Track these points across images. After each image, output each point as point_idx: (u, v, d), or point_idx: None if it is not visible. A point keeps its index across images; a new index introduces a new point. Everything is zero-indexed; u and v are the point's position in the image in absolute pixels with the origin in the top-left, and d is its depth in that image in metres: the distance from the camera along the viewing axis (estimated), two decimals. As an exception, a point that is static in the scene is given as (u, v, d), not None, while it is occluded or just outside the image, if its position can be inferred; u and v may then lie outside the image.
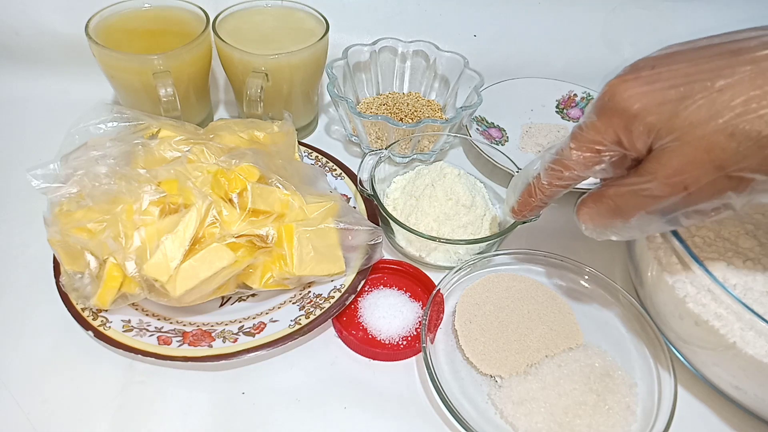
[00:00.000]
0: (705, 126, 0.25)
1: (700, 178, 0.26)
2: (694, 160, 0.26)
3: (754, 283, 0.37)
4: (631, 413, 0.37)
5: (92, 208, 0.38)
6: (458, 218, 0.46)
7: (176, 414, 0.38)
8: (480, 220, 0.47)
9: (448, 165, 0.50)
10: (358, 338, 0.41)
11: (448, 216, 0.46)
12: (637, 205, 0.30)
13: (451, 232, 0.46)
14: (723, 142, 0.25)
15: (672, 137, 0.27)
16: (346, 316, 0.43)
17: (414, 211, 0.47)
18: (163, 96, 0.48)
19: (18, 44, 0.63)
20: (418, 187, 0.48)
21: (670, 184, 0.27)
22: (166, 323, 0.40)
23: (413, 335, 0.42)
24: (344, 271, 0.42)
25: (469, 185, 0.49)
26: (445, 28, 0.71)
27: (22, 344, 0.41)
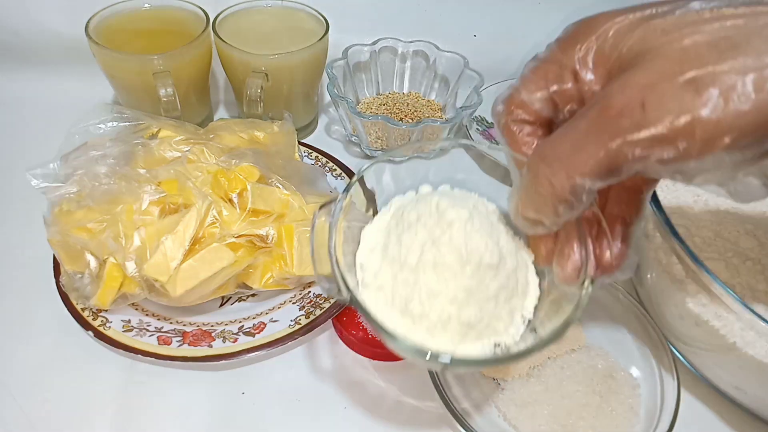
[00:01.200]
0: (688, 38, 0.21)
1: (667, 94, 0.20)
2: (662, 71, 0.21)
3: (755, 283, 0.37)
4: (635, 414, 0.37)
5: (92, 208, 0.38)
6: (484, 288, 0.28)
7: (176, 414, 0.38)
8: (514, 275, 0.30)
9: (446, 198, 0.30)
10: (359, 338, 0.41)
11: (469, 291, 0.28)
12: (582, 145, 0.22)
13: (479, 313, 0.28)
14: (703, 49, 0.20)
15: (639, 55, 0.22)
16: (346, 316, 0.43)
17: (414, 294, 0.28)
18: (163, 96, 0.48)
19: (18, 44, 0.63)
20: (409, 248, 0.29)
21: (625, 101, 0.21)
22: (166, 323, 0.40)
23: None
24: (344, 271, 0.42)
25: (486, 225, 0.30)
26: (445, 28, 0.71)
27: (22, 344, 0.41)
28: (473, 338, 0.29)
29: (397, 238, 0.30)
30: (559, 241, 0.28)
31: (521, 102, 0.27)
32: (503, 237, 0.30)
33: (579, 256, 0.27)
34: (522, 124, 0.27)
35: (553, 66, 0.25)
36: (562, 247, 0.28)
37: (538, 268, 0.31)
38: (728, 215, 0.42)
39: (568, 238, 0.28)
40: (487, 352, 0.29)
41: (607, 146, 0.21)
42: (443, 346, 0.28)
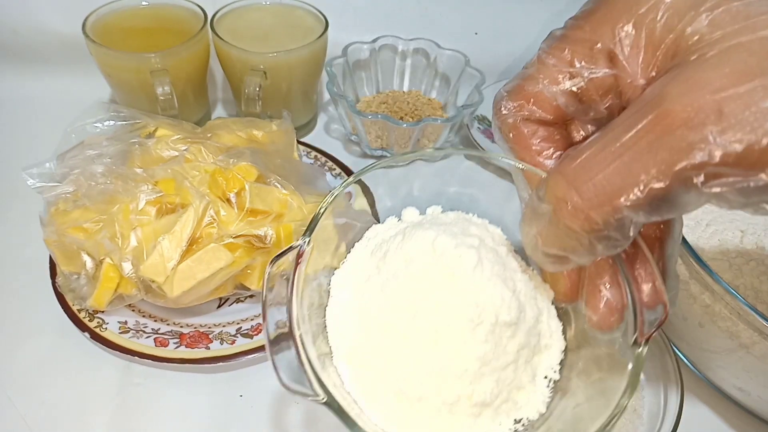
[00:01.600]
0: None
1: (753, 95, 0.15)
2: (748, 68, 0.15)
3: (759, 284, 0.37)
4: (638, 416, 0.37)
5: (89, 208, 0.38)
6: (501, 352, 0.22)
7: (173, 416, 0.37)
8: (535, 328, 0.24)
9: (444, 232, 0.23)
10: None
11: (483, 359, 0.22)
12: (634, 169, 0.16)
13: (496, 387, 0.22)
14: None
15: (710, 43, 0.16)
16: None
17: (409, 371, 0.22)
18: (161, 94, 0.48)
19: (16, 43, 0.62)
20: (397, 306, 0.23)
21: (691, 106, 0.15)
22: (163, 325, 0.40)
23: None
24: (343, 271, 0.42)
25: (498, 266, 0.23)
26: (446, 25, 0.70)
27: (18, 346, 0.40)
28: (488, 418, 0.22)
29: (380, 290, 0.23)
30: (587, 273, 0.21)
31: (537, 95, 0.20)
32: (519, 278, 0.23)
33: (617, 293, 0.21)
34: (536, 125, 0.21)
35: (580, 47, 0.19)
36: (592, 282, 0.21)
37: (560, 311, 0.25)
38: (732, 215, 0.41)
39: (598, 270, 0.21)
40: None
41: (669, 170, 0.15)
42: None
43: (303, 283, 0.22)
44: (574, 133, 0.22)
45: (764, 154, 0.15)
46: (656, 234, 0.21)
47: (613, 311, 0.21)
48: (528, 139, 0.21)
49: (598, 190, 0.17)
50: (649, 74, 0.18)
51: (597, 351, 0.23)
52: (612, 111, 0.19)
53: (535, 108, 0.20)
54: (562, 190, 0.18)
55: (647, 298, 0.20)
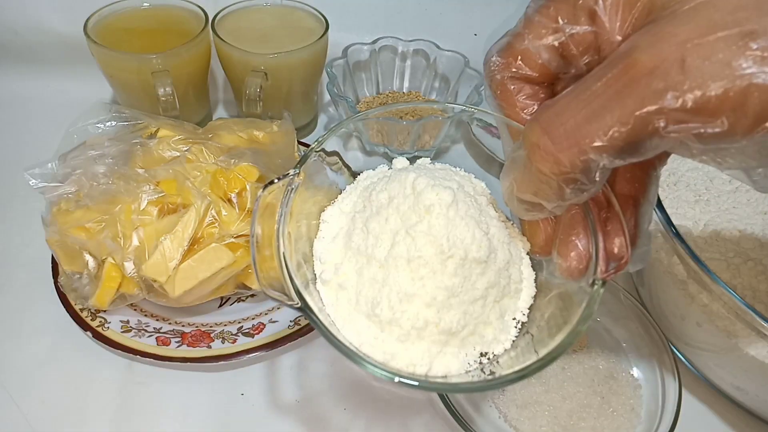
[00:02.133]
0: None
1: (715, 53, 0.15)
2: (711, 22, 0.16)
3: (756, 283, 0.37)
4: (636, 415, 0.37)
5: (90, 208, 0.38)
6: (470, 287, 0.24)
7: (175, 415, 0.38)
8: (506, 271, 0.25)
9: (425, 175, 0.25)
10: None
11: (451, 291, 0.23)
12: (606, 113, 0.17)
13: (462, 318, 0.24)
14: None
15: (680, 0, 0.17)
16: None
17: (383, 295, 0.24)
18: (162, 95, 0.48)
19: (17, 44, 0.63)
20: (377, 237, 0.25)
21: (657, 56, 0.16)
22: (165, 324, 0.40)
23: None
24: (344, 271, 0.42)
25: (473, 210, 0.25)
26: (446, 27, 0.71)
27: (21, 345, 0.41)
28: (455, 347, 0.24)
29: (364, 225, 0.25)
30: (561, 226, 0.23)
31: (524, 51, 0.21)
32: (494, 224, 0.25)
33: (586, 244, 0.22)
34: (522, 82, 0.22)
35: (564, 4, 0.20)
36: (565, 234, 0.23)
37: (534, 260, 0.26)
38: (730, 215, 0.41)
39: (571, 223, 0.23)
40: (472, 364, 0.24)
41: (632, 114, 0.16)
42: (417, 359, 0.23)
43: (290, 210, 0.24)
44: (559, 91, 0.23)
45: (721, 102, 0.15)
46: (631, 193, 0.23)
47: (582, 259, 0.22)
48: (514, 95, 0.22)
49: (568, 134, 0.18)
50: (625, 31, 0.19)
51: (559, 292, 0.25)
52: (591, 67, 0.20)
53: (521, 64, 0.22)
54: (536, 135, 0.19)
55: (615, 250, 0.22)
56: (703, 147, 0.16)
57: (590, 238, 0.22)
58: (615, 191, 0.23)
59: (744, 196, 0.43)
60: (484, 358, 0.25)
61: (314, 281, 0.26)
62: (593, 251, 0.22)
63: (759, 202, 0.42)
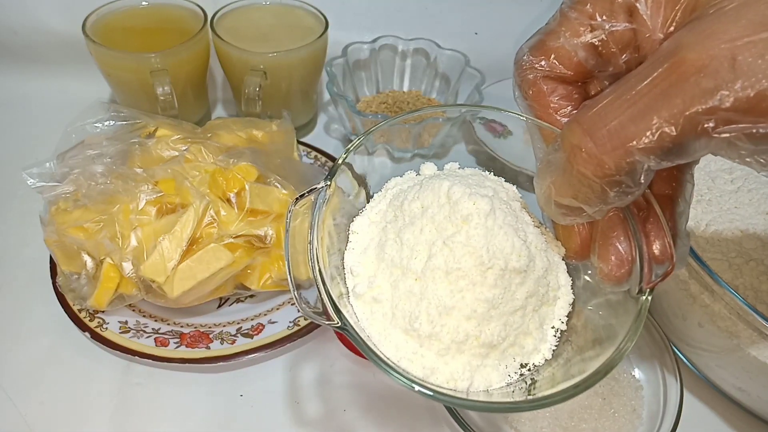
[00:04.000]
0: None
1: (766, 45, 0.15)
2: (762, 20, 0.15)
3: (758, 284, 0.37)
4: (637, 416, 0.37)
5: (89, 208, 0.38)
6: (509, 298, 0.23)
7: (174, 416, 0.38)
8: (544, 279, 0.25)
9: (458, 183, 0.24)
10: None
11: (491, 303, 0.23)
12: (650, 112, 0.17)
13: (503, 330, 0.23)
14: None
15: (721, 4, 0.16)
16: None
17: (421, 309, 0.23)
18: (161, 94, 0.48)
19: (15, 43, 0.62)
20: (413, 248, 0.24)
21: (706, 55, 0.16)
22: (164, 324, 0.40)
23: None
24: (343, 271, 0.42)
25: (510, 217, 0.24)
26: (446, 25, 0.70)
27: (19, 345, 0.41)
28: (495, 359, 0.24)
29: (397, 235, 0.24)
30: (599, 230, 0.22)
31: (559, 49, 0.21)
32: (530, 231, 0.24)
33: (627, 247, 0.21)
34: (555, 82, 0.21)
35: (602, 1, 0.20)
36: (604, 237, 0.22)
37: (570, 265, 0.26)
38: (732, 215, 0.41)
39: (611, 225, 0.22)
40: (512, 376, 0.24)
41: (681, 114, 0.16)
42: (458, 373, 0.23)
43: (323, 223, 0.24)
44: (592, 92, 0.22)
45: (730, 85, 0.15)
46: (668, 193, 0.22)
47: (623, 263, 0.21)
48: (547, 96, 0.22)
49: (612, 135, 0.17)
50: (667, 29, 0.19)
51: (602, 300, 0.24)
52: (630, 66, 0.20)
53: (555, 63, 0.21)
54: (577, 137, 0.18)
55: (657, 253, 0.21)
56: (754, 148, 0.16)
57: (632, 241, 0.22)
58: (652, 191, 0.22)
59: (746, 196, 0.43)
60: (525, 369, 0.24)
61: (347, 295, 0.25)
62: (636, 254, 0.21)
63: (761, 202, 0.42)
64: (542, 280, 0.24)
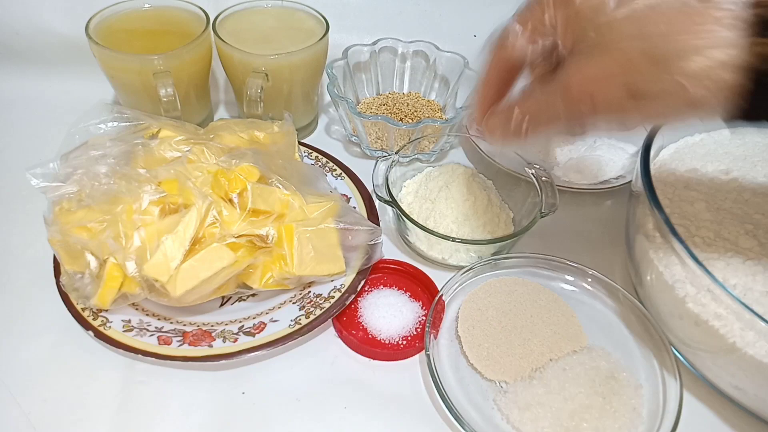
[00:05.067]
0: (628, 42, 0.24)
1: (610, 93, 0.25)
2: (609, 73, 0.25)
3: (753, 284, 0.37)
4: (638, 415, 0.37)
5: (92, 208, 0.38)
6: (476, 218, 0.46)
7: (176, 414, 0.38)
8: (497, 219, 0.47)
9: (460, 165, 0.50)
10: (359, 338, 0.41)
11: (466, 216, 0.46)
12: (546, 119, 0.29)
13: (471, 232, 0.46)
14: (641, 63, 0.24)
15: (593, 41, 0.26)
16: (346, 316, 0.43)
17: (431, 214, 0.47)
18: (164, 96, 0.48)
19: (18, 44, 0.63)
20: (431, 189, 0.48)
21: (580, 90, 0.26)
22: (167, 323, 0.40)
23: (413, 335, 0.42)
24: (344, 271, 0.42)
25: (483, 184, 0.49)
26: (445, 28, 0.71)
27: (23, 344, 0.41)
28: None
29: (425, 186, 0.49)
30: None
31: (512, 45, 0.33)
32: (492, 193, 0.50)
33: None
34: (506, 62, 0.35)
35: (538, 23, 0.30)
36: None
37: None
38: (728, 215, 0.42)
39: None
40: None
41: (569, 121, 0.28)
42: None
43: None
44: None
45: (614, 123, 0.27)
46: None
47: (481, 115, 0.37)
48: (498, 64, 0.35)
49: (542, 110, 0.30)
50: (568, 48, 0.28)
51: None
52: (554, 63, 0.30)
53: (509, 51, 0.33)
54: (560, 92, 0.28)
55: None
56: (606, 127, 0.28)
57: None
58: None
59: (743, 195, 0.43)
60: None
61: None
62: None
63: (759, 202, 0.43)
64: (495, 216, 0.49)
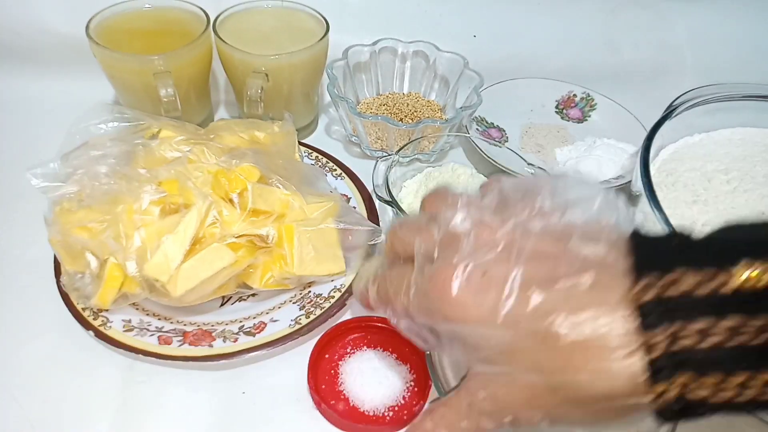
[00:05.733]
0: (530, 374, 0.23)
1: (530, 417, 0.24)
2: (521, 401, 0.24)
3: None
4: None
5: (93, 208, 0.38)
6: None
7: (177, 414, 0.38)
8: None
9: (460, 165, 0.50)
10: (339, 411, 0.37)
11: None
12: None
13: None
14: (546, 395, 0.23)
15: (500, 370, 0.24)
16: (326, 383, 0.39)
17: None
18: (164, 96, 0.48)
19: (19, 44, 0.63)
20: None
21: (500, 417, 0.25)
22: (167, 323, 0.40)
23: (401, 404, 0.38)
24: (344, 271, 0.43)
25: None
26: (445, 28, 0.71)
27: (23, 344, 0.41)
28: None
29: (425, 186, 0.50)
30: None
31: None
32: None
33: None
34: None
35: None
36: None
37: None
38: (728, 216, 0.42)
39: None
40: None
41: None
42: None
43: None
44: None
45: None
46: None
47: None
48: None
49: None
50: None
51: None
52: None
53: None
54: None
55: None
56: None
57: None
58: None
59: (742, 197, 0.43)
60: None
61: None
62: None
63: (757, 202, 0.43)
64: None
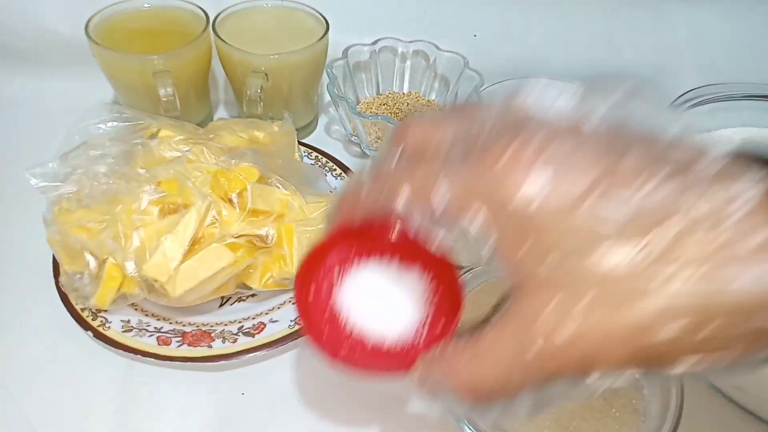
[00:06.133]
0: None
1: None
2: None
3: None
4: (638, 415, 0.37)
5: (92, 208, 0.38)
6: None
7: (175, 414, 0.38)
8: None
9: None
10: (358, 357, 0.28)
11: None
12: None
13: None
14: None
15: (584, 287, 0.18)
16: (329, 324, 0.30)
17: None
18: (163, 96, 0.48)
19: (17, 44, 0.63)
20: None
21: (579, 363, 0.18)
22: (166, 323, 0.40)
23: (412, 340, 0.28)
24: (344, 271, 0.42)
25: None
26: (445, 28, 0.71)
27: (21, 344, 0.41)
28: None
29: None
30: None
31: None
32: None
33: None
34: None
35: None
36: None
37: None
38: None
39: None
40: None
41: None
42: None
43: None
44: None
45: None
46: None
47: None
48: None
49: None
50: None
51: None
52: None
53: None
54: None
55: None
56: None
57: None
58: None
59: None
60: None
61: None
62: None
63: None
64: None
